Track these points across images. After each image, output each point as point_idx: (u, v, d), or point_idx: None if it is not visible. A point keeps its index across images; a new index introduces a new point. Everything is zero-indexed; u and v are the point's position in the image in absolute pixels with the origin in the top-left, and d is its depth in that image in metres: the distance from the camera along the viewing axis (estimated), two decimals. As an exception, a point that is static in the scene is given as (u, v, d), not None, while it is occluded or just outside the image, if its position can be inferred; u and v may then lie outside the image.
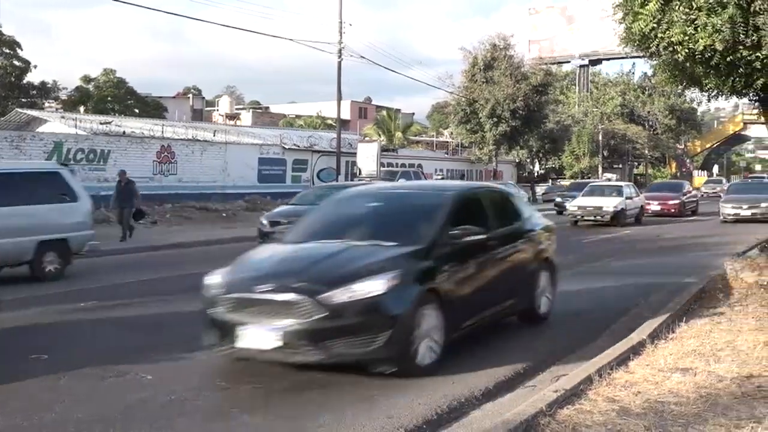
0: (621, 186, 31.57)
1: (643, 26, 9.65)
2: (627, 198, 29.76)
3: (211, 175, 34.24)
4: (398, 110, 68.63)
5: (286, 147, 38.79)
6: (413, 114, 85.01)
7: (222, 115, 69.75)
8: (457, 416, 6.14)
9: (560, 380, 6.60)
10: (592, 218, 28.88)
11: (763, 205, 29.18)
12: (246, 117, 71.89)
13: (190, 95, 73.32)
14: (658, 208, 33.66)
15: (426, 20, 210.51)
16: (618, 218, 28.30)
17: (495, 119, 44.88)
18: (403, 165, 44.06)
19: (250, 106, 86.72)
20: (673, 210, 33.58)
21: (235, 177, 34.99)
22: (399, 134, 59.31)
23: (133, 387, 7.07)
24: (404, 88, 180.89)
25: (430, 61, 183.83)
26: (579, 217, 29.24)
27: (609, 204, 28.64)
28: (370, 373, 7.26)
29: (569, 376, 6.70)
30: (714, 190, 57.08)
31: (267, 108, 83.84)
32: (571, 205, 30.01)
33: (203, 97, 77.67)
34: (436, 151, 64.06)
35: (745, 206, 29.44)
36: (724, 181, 65.44)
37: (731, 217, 29.61)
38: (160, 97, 61.73)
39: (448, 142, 71.69)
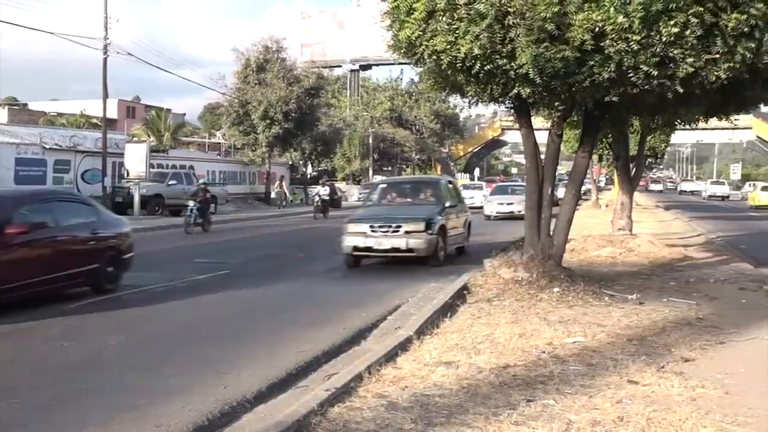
0: None
1: (409, 34, 10.00)
2: None
3: (-39, 176, 31.52)
4: (169, 110, 66.55)
5: (47, 147, 36.47)
6: (184, 114, 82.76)
7: (-27, 112, 64.37)
8: (229, 420, 6.06)
9: (331, 379, 6.69)
10: None
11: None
12: (1, 114, 66.82)
13: (-64, 89, 67.11)
14: None
15: (191, 19, 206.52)
16: None
17: (268, 121, 44.80)
18: (174, 166, 42.74)
19: (6, 102, 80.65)
20: None
21: (-12, 178, 32.42)
22: (168, 135, 57.66)
23: None
24: (175, 87, 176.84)
25: (200, 61, 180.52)
26: None
27: None
28: (137, 380, 7.07)
29: (340, 375, 6.80)
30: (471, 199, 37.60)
31: (25, 105, 78.25)
32: None
33: (-49, 92, 71.34)
34: (208, 152, 62.77)
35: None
36: (484, 186, 52.21)
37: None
38: None
39: (220, 143, 70.60)
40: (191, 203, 26.80)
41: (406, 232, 15.61)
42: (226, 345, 8.81)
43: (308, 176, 61.03)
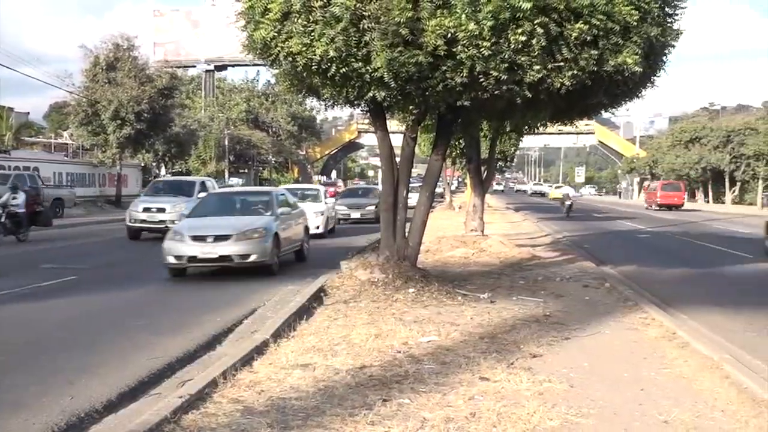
0: None
1: (264, 34, 9.92)
2: None
3: None
4: (11, 109, 63.23)
5: None
6: (28, 114, 78.76)
7: None
8: (76, 433, 5.83)
9: (185, 386, 6.55)
10: None
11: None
12: None
13: None
14: None
15: (33, 16, 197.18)
16: None
17: (119, 121, 43.40)
18: (17, 168, 40.70)
19: None
20: None
21: None
22: (11, 135, 54.83)
23: None
24: (18, 85, 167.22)
25: (45, 59, 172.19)
26: None
27: None
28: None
29: (194, 381, 6.67)
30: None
31: None
32: None
33: None
34: (54, 153, 60.13)
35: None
36: (321, 191, 38.29)
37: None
38: None
39: (68, 144, 67.80)
40: None
41: None
42: (74, 353, 8.45)
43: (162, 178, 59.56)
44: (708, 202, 73.46)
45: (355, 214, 31.78)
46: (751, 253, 20.44)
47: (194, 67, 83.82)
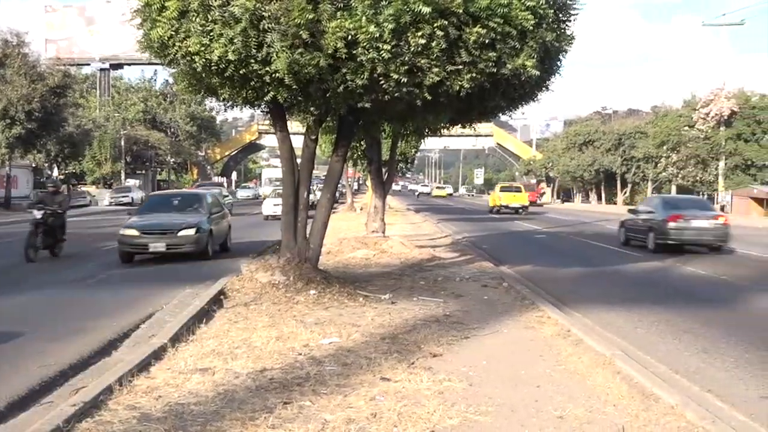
0: None
1: (161, 33, 9.71)
2: None
3: None
4: None
5: None
6: None
7: None
8: (-39, 446, 5.58)
9: (79, 393, 6.34)
10: None
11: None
12: None
13: None
14: None
15: None
16: None
17: (8, 121, 41.89)
18: None
19: None
20: None
21: None
22: None
23: None
24: None
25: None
26: None
27: None
28: None
29: (89, 388, 6.47)
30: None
31: None
32: None
33: None
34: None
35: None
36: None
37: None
38: None
39: (-47, 143, 65.05)
40: None
41: None
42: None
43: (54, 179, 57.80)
44: (601, 202, 75.95)
45: (158, 245, 17.89)
46: (641, 252, 21.22)
47: (89, 65, 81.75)
